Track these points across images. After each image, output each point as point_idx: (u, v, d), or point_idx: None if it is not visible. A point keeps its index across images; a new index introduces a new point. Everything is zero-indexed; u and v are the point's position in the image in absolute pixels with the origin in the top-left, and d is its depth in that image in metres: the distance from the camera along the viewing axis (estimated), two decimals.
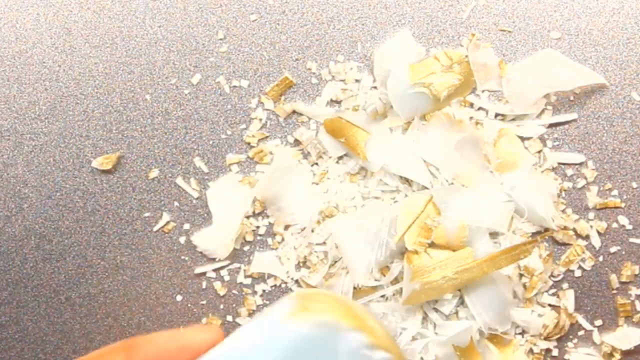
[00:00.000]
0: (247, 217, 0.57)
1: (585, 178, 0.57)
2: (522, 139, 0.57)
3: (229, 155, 0.58)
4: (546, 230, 0.56)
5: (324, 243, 0.56)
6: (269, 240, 0.57)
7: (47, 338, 0.58)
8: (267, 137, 0.58)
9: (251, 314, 0.57)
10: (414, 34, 0.58)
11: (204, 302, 0.58)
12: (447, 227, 0.54)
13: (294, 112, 0.58)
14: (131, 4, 0.59)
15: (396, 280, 0.55)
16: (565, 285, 0.57)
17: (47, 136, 0.58)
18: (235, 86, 0.58)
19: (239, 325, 0.57)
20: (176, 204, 0.58)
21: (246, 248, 0.58)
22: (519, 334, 0.56)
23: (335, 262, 0.56)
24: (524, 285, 0.56)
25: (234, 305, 0.57)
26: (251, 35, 0.58)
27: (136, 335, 0.57)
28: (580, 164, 0.57)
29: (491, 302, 0.54)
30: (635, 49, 0.57)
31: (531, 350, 0.56)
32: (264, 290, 0.57)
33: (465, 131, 0.56)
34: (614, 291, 0.57)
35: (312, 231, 0.56)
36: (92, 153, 0.58)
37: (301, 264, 0.57)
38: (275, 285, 0.57)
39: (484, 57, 0.57)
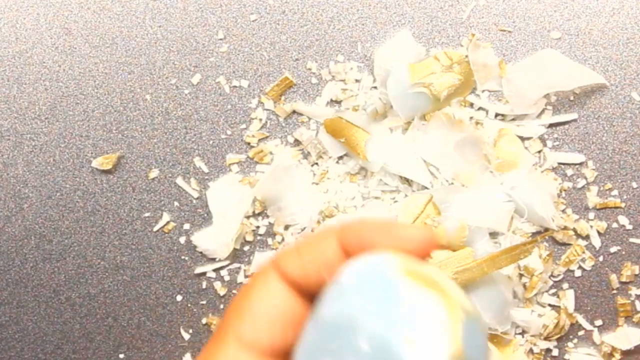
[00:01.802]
0: (247, 217, 0.57)
1: (585, 178, 0.57)
2: (522, 139, 0.57)
3: (229, 155, 0.58)
4: (546, 230, 0.56)
5: None
6: (269, 240, 0.57)
7: (47, 338, 0.58)
8: (267, 137, 0.58)
9: None
10: (414, 34, 0.58)
11: (204, 302, 0.57)
12: (447, 227, 0.54)
13: (294, 112, 0.58)
14: (131, 4, 0.59)
15: None
16: (565, 286, 0.57)
17: (47, 136, 0.58)
18: (235, 86, 0.58)
19: None
20: (176, 204, 0.58)
21: (246, 248, 0.58)
22: (519, 334, 0.56)
23: None
24: (524, 285, 0.56)
25: None
26: (251, 35, 0.58)
27: (136, 335, 0.57)
28: (580, 164, 0.57)
29: (491, 302, 0.54)
30: (635, 49, 0.57)
31: (531, 350, 0.56)
32: None
33: (465, 131, 0.56)
34: (614, 291, 0.57)
35: (312, 231, 0.56)
36: (92, 153, 0.58)
37: None
38: None
39: (484, 57, 0.57)
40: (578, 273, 0.57)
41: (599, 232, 0.57)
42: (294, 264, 0.34)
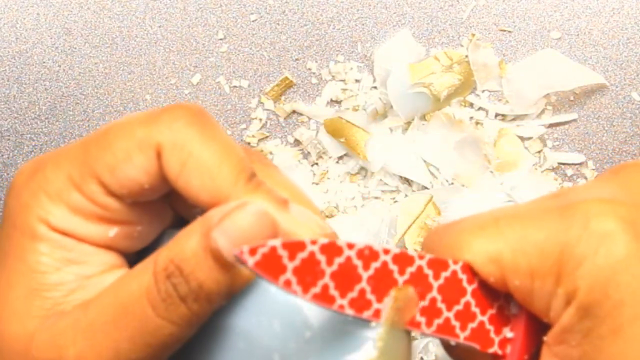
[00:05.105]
0: None
1: (585, 178, 0.57)
2: (522, 139, 0.57)
3: None
4: None
5: None
6: None
7: None
8: (267, 137, 0.58)
9: None
10: (414, 34, 0.58)
11: None
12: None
13: (294, 112, 0.58)
14: (131, 4, 0.59)
15: None
16: None
17: (47, 136, 0.58)
18: (235, 86, 0.58)
19: None
20: None
21: None
22: None
23: None
24: None
25: None
26: (251, 35, 0.58)
27: None
28: (580, 164, 0.57)
29: None
30: (635, 49, 0.57)
31: None
32: None
33: (465, 131, 0.56)
34: None
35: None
36: None
37: None
38: None
39: (484, 57, 0.57)
40: None
41: None
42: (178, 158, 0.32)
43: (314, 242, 0.29)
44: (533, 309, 0.31)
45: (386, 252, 0.30)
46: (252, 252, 0.28)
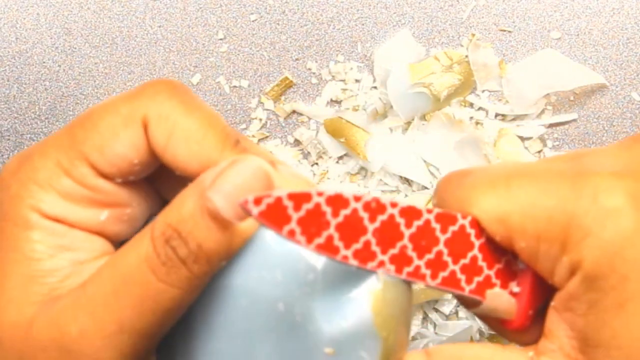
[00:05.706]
0: None
1: None
2: (522, 139, 0.57)
3: None
4: None
5: None
6: None
7: None
8: (267, 137, 0.58)
9: None
10: (414, 34, 0.58)
11: None
12: None
13: (294, 112, 0.58)
14: (131, 4, 0.59)
15: None
16: None
17: (47, 136, 0.58)
18: (235, 86, 0.58)
19: None
20: None
21: None
22: None
23: None
24: None
25: None
26: (251, 35, 0.58)
27: None
28: None
29: None
30: (635, 49, 0.57)
31: None
32: None
33: (465, 131, 0.56)
34: None
35: None
36: None
37: None
38: None
39: (484, 57, 0.57)
40: None
41: None
42: (164, 128, 0.32)
43: (320, 194, 0.29)
44: (537, 270, 0.32)
45: (394, 205, 0.31)
46: (257, 202, 0.28)
